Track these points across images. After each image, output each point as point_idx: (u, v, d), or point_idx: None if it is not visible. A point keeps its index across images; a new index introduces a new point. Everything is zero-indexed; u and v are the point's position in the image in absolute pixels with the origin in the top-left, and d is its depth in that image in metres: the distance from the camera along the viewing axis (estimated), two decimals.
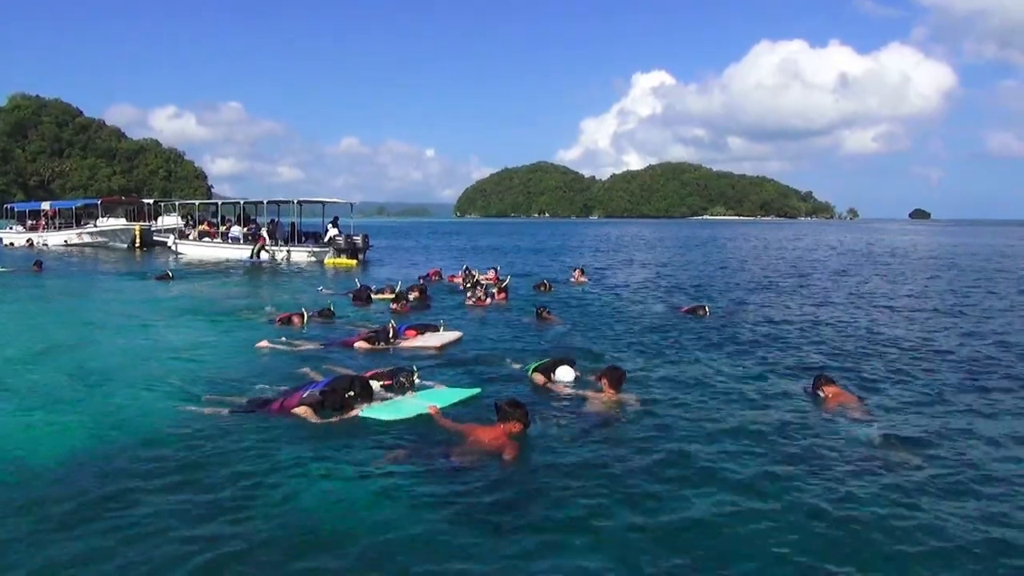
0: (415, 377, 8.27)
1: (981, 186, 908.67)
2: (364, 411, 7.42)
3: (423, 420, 7.28)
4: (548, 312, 14.66)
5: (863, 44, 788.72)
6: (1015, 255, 43.54)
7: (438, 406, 7.48)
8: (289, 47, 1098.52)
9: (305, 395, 7.40)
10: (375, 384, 7.97)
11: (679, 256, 42.25)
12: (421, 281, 20.06)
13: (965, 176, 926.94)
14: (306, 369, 9.58)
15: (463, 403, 8.00)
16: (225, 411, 7.61)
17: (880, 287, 23.21)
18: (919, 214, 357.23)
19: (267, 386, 8.55)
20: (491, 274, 22.16)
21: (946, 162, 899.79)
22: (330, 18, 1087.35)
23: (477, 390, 8.44)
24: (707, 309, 15.49)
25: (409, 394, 7.98)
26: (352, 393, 7.41)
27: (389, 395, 7.93)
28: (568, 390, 8.72)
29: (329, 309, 14.57)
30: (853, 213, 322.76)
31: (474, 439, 6.60)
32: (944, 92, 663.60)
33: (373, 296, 17.95)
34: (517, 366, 10.08)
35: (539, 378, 9.00)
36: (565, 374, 8.97)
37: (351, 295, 18.04)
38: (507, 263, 32.97)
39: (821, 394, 8.22)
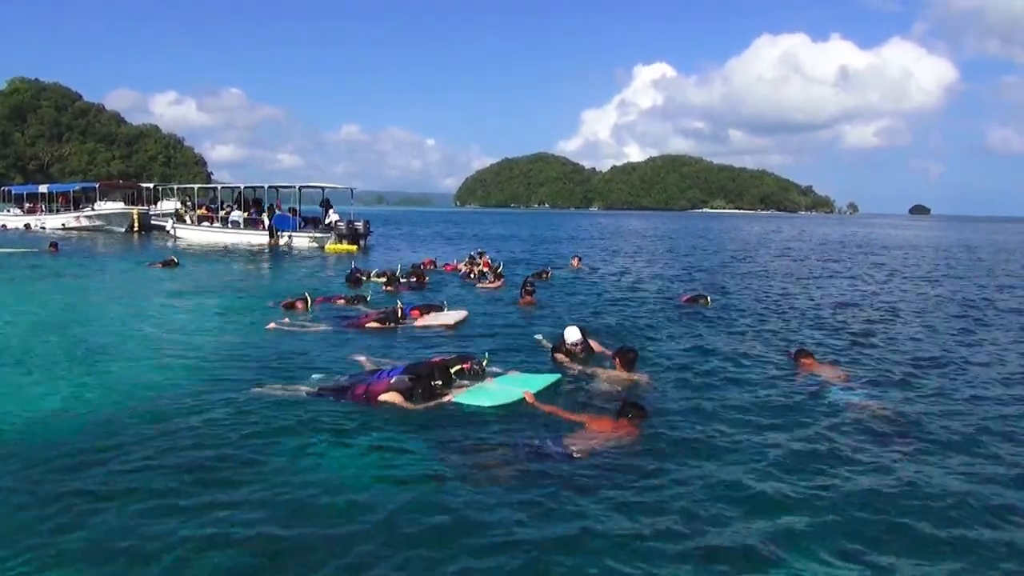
0: (485, 363, 8.06)
1: (982, 182, 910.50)
2: (458, 397, 7.23)
3: (521, 406, 7.13)
4: (532, 293, 14.73)
5: (864, 38, 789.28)
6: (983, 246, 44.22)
7: (532, 391, 7.34)
8: (291, 32, 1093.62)
9: (393, 381, 7.13)
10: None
11: (678, 246, 42.14)
12: (421, 269, 20.05)
13: (966, 172, 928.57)
14: (361, 358, 9.15)
15: (547, 389, 7.74)
16: (303, 393, 7.36)
17: (865, 274, 24.47)
18: (919, 210, 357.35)
19: (322, 375, 8.18)
20: (484, 260, 22.12)
21: (947, 157, 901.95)
22: (333, 3, 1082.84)
23: (557, 376, 8.19)
24: (708, 299, 15.38)
25: (489, 380, 7.74)
26: (440, 381, 7.30)
27: (464, 382, 7.63)
28: (579, 367, 8.76)
29: (365, 297, 14.47)
30: (853, 208, 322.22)
31: (596, 429, 6.44)
32: (945, 87, 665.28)
33: (373, 279, 18.22)
34: (546, 343, 10.19)
35: (560, 357, 9.17)
36: (572, 334, 9.22)
37: (345, 278, 18.06)
38: (506, 251, 33.11)
39: (798, 364, 9.20)
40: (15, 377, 8.32)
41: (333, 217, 33.75)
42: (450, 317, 12.11)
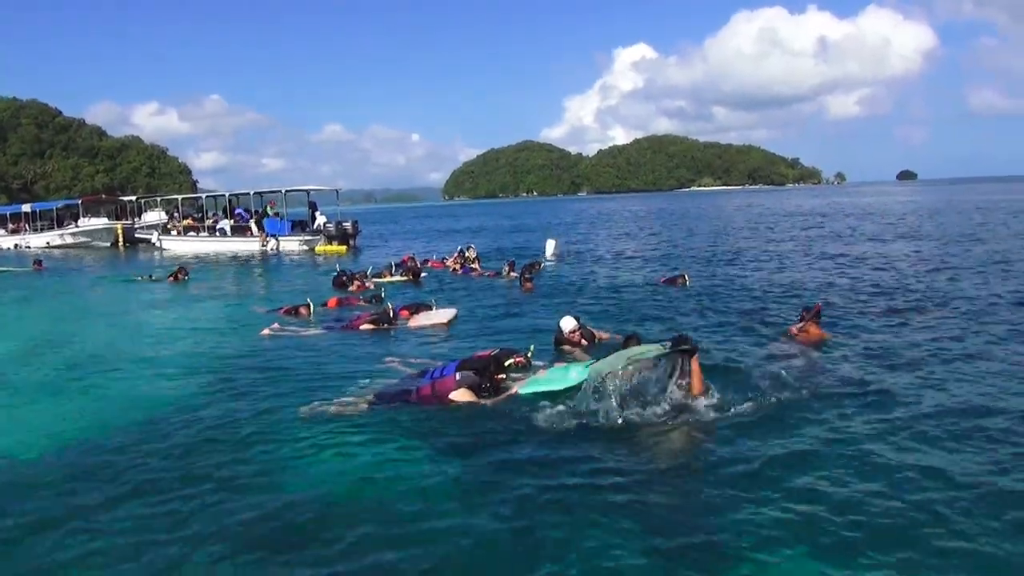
0: (530, 355, 7.94)
1: (966, 144, 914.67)
2: (523, 388, 7.06)
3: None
4: (531, 280, 15.75)
5: (841, 8, 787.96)
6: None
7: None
8: (267, 34, 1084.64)
9: (459, 378, 6.87)
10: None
11: (661, 228, 42.02)
12: (407, 265, 19.93)
13: (950, 135, 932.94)
14: (392, 360, 8.94)
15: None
16: (363, 406, 6.92)
17: (831, 244, 24.69)
18: (906, 175, 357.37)
19: (368, 380, 7.89)
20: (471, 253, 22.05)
21: (930, 122, 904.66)
22: (308, 2, 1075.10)
23: None
24: (687, 278, 15.42)
25: (541, 372, 7.57)
26: (503, 375, 7.15)
27: (517, 375, 7.44)
28: (588, 356, 8.59)
29: (380, 295, 14.30)
30: (840, 178, 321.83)
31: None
32: (924, 52, 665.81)
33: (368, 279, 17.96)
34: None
35: (567, 348, 9.15)
36: (567, 323, 9.29)
37: (332, 281, 17.88)
38: (489, 241, 33.22)
39: (798, 327, 9.38)
40: (5, 399, 8.15)
41: (321, 219, 33.57)
42: (442, 315, 12.06)
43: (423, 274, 18.78)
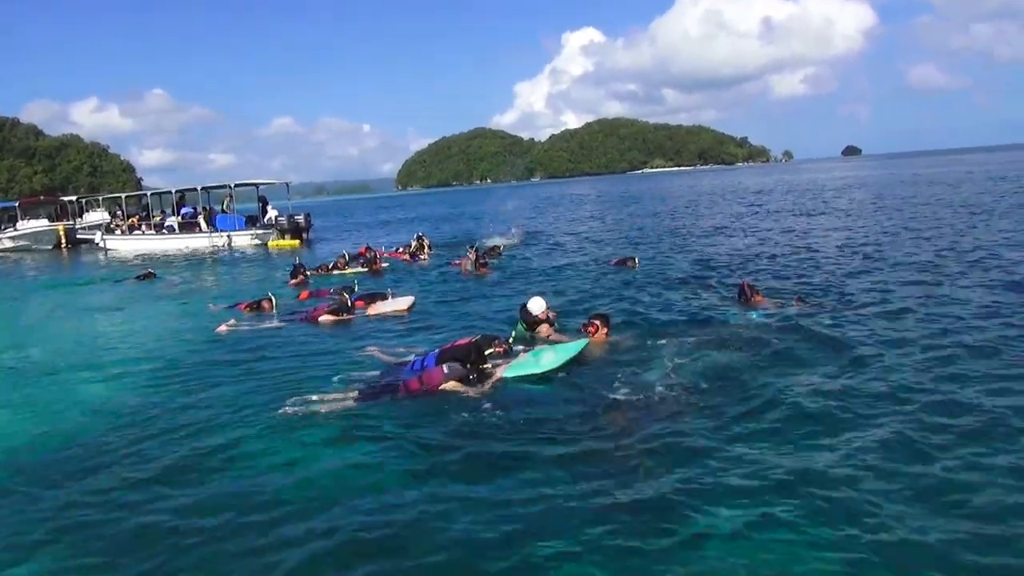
0: (511, 340, 7.96)
1: (907, 119, 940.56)
2: (508, 372, 7.08)
3: (572, 367, 7.27)
4: (485, 265, 15.83)
5: None
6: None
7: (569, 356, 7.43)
8: (210, 26, 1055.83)
9: (447, 370, 6.78)
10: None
11: (612, 211, 42.31)
12: (364, 256, 19.66)
13: (891, 111, 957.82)
14: (372, 349, 8.79)
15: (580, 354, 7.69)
16: (351, 401, 6.70)
17: (778, 219, 25.19)
18: (851, 151, 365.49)
19: (343, 374, 7.67)
20: (425, 242, 22.02)
21: (872, 99, 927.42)
22: None
23: (586, 341, 8.02)
24: (636, 260, 15.62)
25: (523, 356, 7.56)
26: (488, 366, 7.11)
27: (498, 362, 7.37)
28: (566, 336, 8.72)
29: (352, 288, 13.56)
30: (788, 155, 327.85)
31: None
32: (865, 31, 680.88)
33: (325, 271, 18.12)
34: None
35: (544, 329, 8.95)
36: (537, 304, 9.09)
37: (290, 275, 17.54)
38: (442, 228, 33.18)
39: (746, 295, 10.05)
40: None
41: (272, 213, 32.94)
42: (400, 303, 12.03)
43: (385, 265, 18.55)
